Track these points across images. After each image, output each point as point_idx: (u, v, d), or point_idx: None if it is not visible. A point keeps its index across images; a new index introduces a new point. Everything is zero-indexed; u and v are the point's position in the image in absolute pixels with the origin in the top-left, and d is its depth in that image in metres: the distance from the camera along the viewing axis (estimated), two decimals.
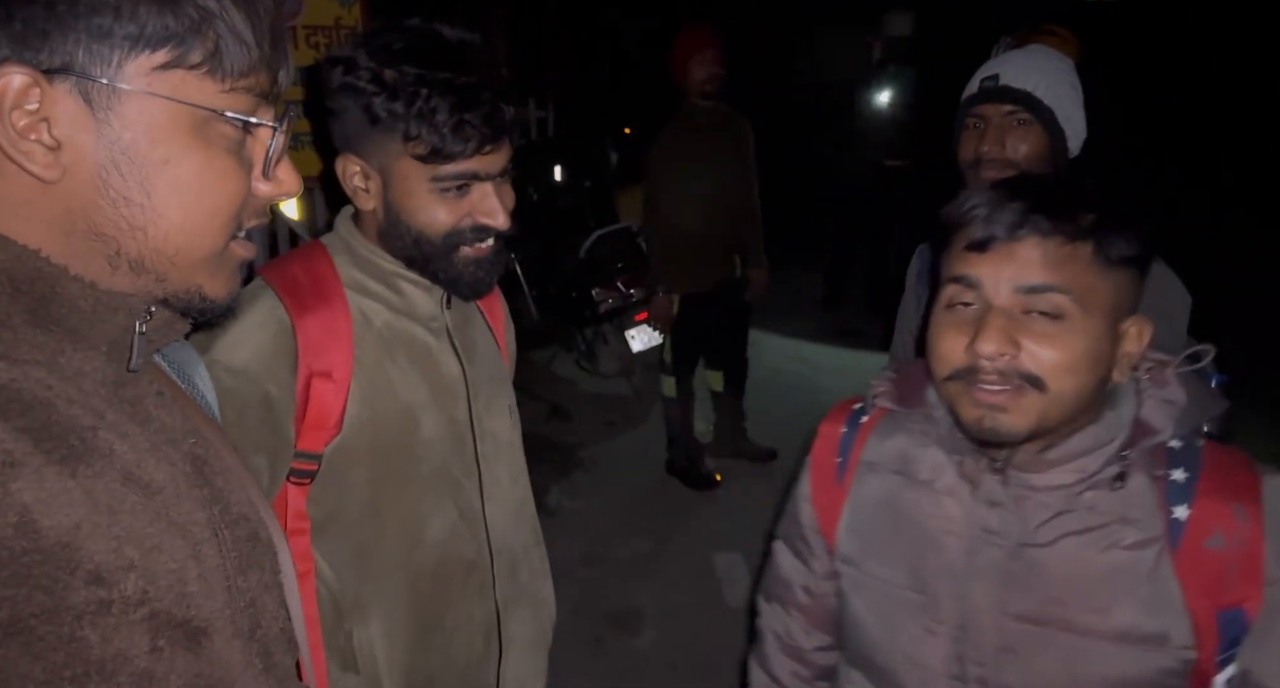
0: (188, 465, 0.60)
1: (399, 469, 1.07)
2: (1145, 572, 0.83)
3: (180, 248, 0.57)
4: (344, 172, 1.03)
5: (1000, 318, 0.82)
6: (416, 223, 1.02)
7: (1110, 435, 0.86)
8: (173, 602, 0.55)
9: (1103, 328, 0.82)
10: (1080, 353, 0.81)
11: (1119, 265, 0.82)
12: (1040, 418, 0.82)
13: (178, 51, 0.53)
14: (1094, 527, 0.85)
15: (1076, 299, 0.80)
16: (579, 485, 3.67)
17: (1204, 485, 0.84)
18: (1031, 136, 1.46)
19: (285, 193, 0.63)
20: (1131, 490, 0.85)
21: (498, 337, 1.26)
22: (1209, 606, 0.81)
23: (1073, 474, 0.86)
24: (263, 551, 0.65)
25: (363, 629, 1.07)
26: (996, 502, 0.89)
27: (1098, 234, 0.81)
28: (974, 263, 0.84)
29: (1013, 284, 0.82)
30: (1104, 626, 0.84)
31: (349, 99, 0.97)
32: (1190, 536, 0.82)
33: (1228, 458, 0.86)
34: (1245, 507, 0.81)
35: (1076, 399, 0.83)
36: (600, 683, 2.55)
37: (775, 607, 1.15)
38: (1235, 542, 0.81)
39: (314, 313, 1.01)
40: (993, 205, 0.84)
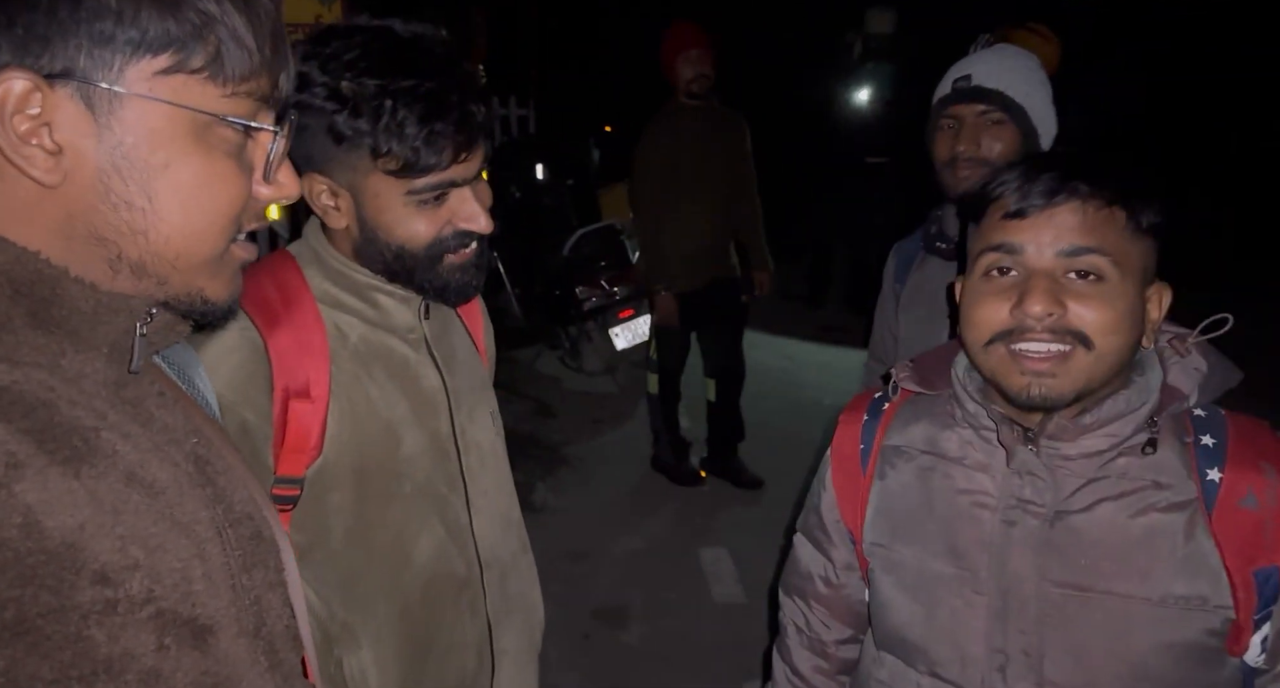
0: (190, 465, 0.61)
1: (382, 489, 1.03)
2: (1181, 535, 0.85)
3: (181, 252, 0.57)
4: (310, 191, 0.98)
5: (1045, 280, 0.84)
6: (396, 238, 0.98)
7: (1141, 401, 0.87)
8: (178, 600, 0.55)
9: (1136, 291, 0.85)
10: (1121, 312, 0.84)
11: (1147, 232, 0.85)
12: (1087, 379, 0.84)
13: (179, 56, 0.53)
14: (1128, 492, 0.87)
15: (1114, 261, 0.83)
16: (565, 483, 3.68)
17: (1233, 449, 0.86)
18: (1005, 135, 1.49)
19: (285, 196, 0.64)
20: (1162, 456, 0.87)
21: (476, 340, 1.23)
22: (1245, 565, 0.83)
23: (1105, 440, 0.87)
24: (266, 549, 0.65)
25: (353, 657, 1.04)
26: (1031, 472, 0.90)
27: (1130, 200, 0.84)
28: (1013, 230, 0.86)
29: (1054, 248, 0.84)
30: (1144, 589, 0.85)
31: (307, 117, 0.91)
32: (1225, 497, 0.84)
33: (1250, 424, 0.90)
34: (1276, 467, 0.84)
35: (1119, 359, 0.85)
36: (589, 679, 2.56)
37: (796, 600, 1.17)
38: (1269, 501, 0.83)
39: (286, 330, 0.97)
40: (1028, 176, 0.86)
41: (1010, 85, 1.49)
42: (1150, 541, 0.86)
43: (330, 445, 0.99)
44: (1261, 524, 0.83)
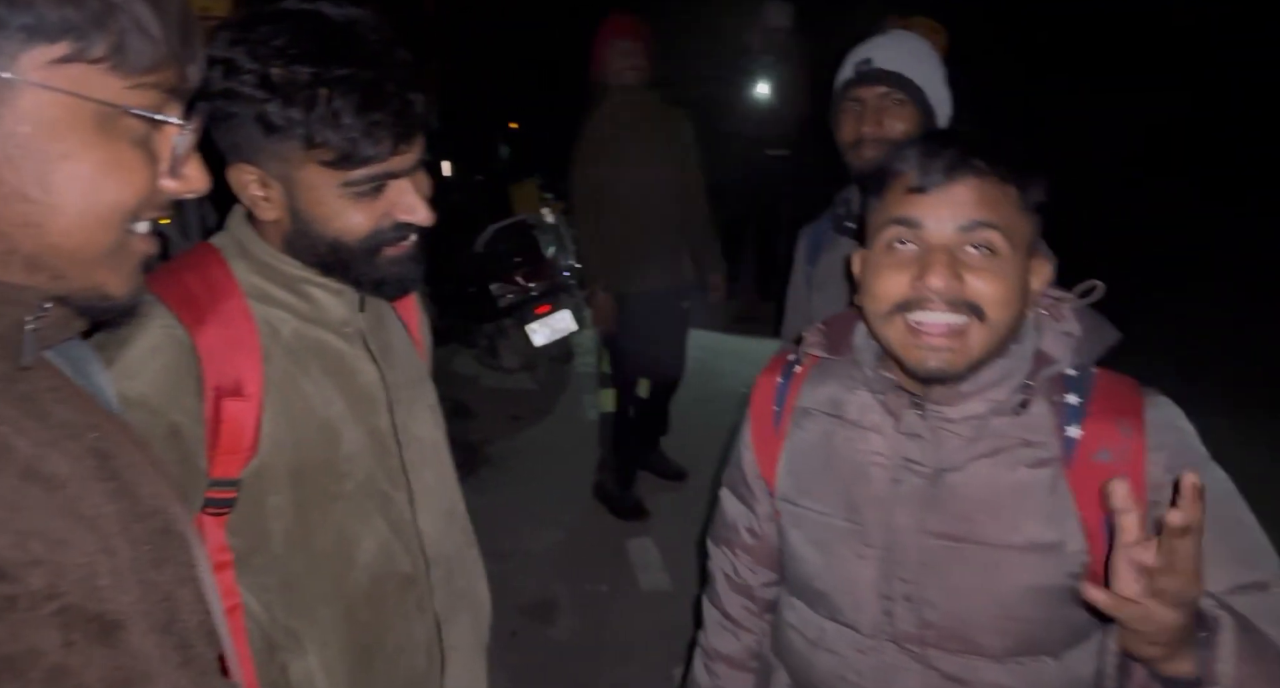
0: (91, 459, 0.59)
1: (322, 489, 1.00)
2: (1046, 487, 0.92)
3: (80, 244, 0.55)
4: (238, 182, 0.95)
5: (944, 253, 0.89)
6: (331, 230, 0.95)
7: (1016, 367, 0.94)
8: (84, 596, 0.54)
9: (1024, 265, 0.91)
10: (1013, 286, 0.89)
11: (1034, 209, 0.91)
12: (981, 351, 0.90)
13: (78, 45, 0.52)
14: (1001, 450, 0.94)
15: (1006, 236, 0.89)
16: (486, 482, 3.64)
17: (1094, 407, 0.92)
18: (906, 115, 1.56)
19: (192, 190, 0.62)
20: (1033, 415, 0.94)
21: (413, 333, 1.20)
22: (1098, 513, 0.89)
23: (984, 405, 0.94)
24: (176, 544, 0.63)
25: (299, 663, 1.01)
26: (916, 434, 0.97)
27: (1021, 178, 0.90)
28: (914, 205, 0.91)
29: (953, 223, 0.89)
30: (1012, 538, 0.92)
31: (235, 106, 0.87)
32: (1082, 452, 0.91)
33: (1117, 382, 0.95)
34: (1130, 424, 0.90)
35: (1008, 331, 0.91)
36: (518, 677, 2.55)
37: (723, 549, 1.24)
38: (1120, 455, 0.90)
39: (214, 326, 0.93)
40: (928, 152, 0.90)
41: (908, 67, 1.56)
42: (1019, 494, 0.93)
43: (266, 445, 0.95)
44: (1113, 476, 0.88)
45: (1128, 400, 0.93)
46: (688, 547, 3.11)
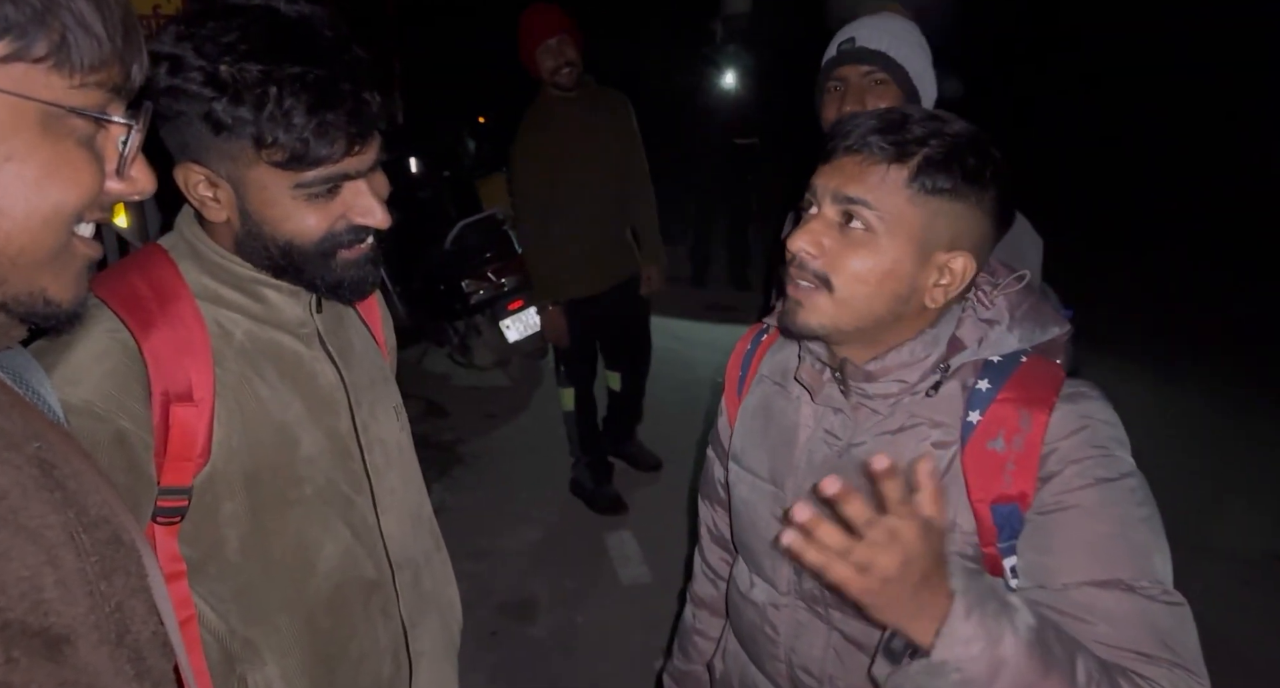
0: (34, 469, 0.57)
1: (279, 495, 0.97)
2: (942, 469, 0.93)
3: (23, 248, 0.54)
4: (185, 181, 0.92)
5: (817, 222, 0.92)
6: (283, 232, 0.92)
7: (926, 352, 0.95)
8: (27, 610, 0.52)
9: (907, 252, 0.90)
10: (874, 267, 0.90)
11: (935, 195, 0.89)
12: (830, 320, 0.92)
13: (18, 43, 0.50)
14: (908, 428, 0.96)
15: (883, 218, 0.89)
16: (462, 481, 3.61)
17: (1003, 395, 0.92)
18: (889, 95, 1.55)
19: (139, 192, 0.60)
20: (943, 397, 0.95)
21: (375, 332, 1.18)
22: (984, 499, 0.90)
23: (895, 385, 0.96)
24: (126, 554, 0.62)
25: (258, 673, 0.99)
26: (838, 408, 1.01)
27: (918, 161, 0.88)
28: (818, 173, 0.94)
29: (833, 193, 0.91)
30: None
31: (181, 104, 0.85)
32: (977, 437, 0.92)
33: (1041, 373, 0.93)
34: (1033, 415, 0.90)
35: (867, 310, 0.91)
36: (498, 676, 2.54)
37: (705, 503, 1.32)
38: (1014, 444, 0.90)
39: (162, 329, 0.90)
40: (844, 125, 0.93)
41: (891, 47, 1.55)
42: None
43: (219, 451, 0.93)
44: (1003, 464, 0.90)
45: (1040, 391, 0.91)
46: (667, 539, 3.11)
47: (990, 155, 0.91)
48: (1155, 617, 0.82)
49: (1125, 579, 0.83)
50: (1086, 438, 0.88)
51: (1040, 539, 0.88)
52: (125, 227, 3.28)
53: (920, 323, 0.95)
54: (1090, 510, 0.86)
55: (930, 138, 0.89)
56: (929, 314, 0.95)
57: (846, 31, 1.59)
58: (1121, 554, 0.84)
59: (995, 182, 0.91)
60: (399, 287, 4.53)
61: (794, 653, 1.06)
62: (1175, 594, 0.84)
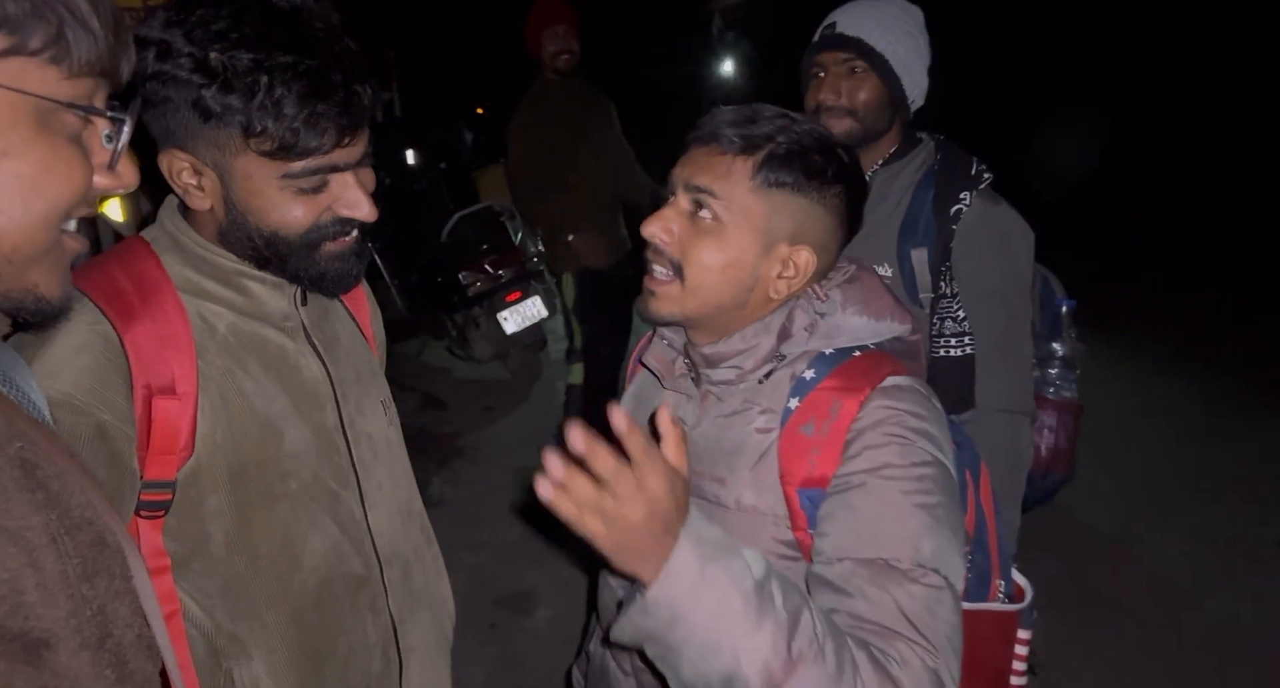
0: (16, 470, 0.56)
1: (265, 490, 0.97)
2: (758, 453, 0.96)
3: (17, 246, 0.54)
4: (169, 168, 0.91)
5: (670, 209, 0.96)
6: (268, 223, 0.91)
7: (757, 339, 0.97)
8: (6, 614, 0.52)
9: (751, 243, 0.94)
10: (719, 255, 0.94)
11: (778, 188, 0.92)
12: (679, 307, 0.96)
13: (15, 37, 0.50)
14: (737, 412, 0.99)
15: (727, 208, 0.93)
16: (461, 474, 3.61)
17: (824, 384, 0.95)
18: (867, 85, 1.50)
19: (123, 186, 0.60)
20: (774, 384, 0.98)
21: (363, 326, 1.17)
22: (792, 482, 0.93)
23: (732, 371, 0.99)
24: (110, 556, 0.61)
25: (244, 669, 0.98)
26: (689, 395, 1.05)
27: (763, 156, 0.92)
28: (677, 163, 0.97)
29: (685, 182, 0.95)
30: (724, 495, 0.97)
31: (169, 90, 0.84)
32: (792, 422, 0.95)
33: (866, 367, 0.96)
34: (844, 405, 0.92)
35: (714, 298, 0.95)
36: (496, 667, 2.54)
37: None
38: (822, 431, 0.92)
39: (144, 322, 0.89)
40: (708, 118, 0.96)
41: (871, 33, 1.48)
42: (735, 453, 0.98)
43: (202, 445, 0.92)
44: (809, 449, 0.92)
45: (859, 381, 0.94)
46: None
47: (834, 156, 0.94)
48: (907, 596, 0.83)
49: (886, 558, 0.85)
50: (887, 427, 0.90)
51: (825, 516, 0.91)
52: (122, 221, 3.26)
53: (761, 313, 0.98)
54: (871, 491, 0.88)
55: (777, 134, 0.92)
56: (771, 305, 0.98)
57: (832, 16, 1.54)
58: (889, 535, 0.86)
59: (839, 180, 0.94)
60: (397, 279, 4.52)
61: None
62: (936, 578, 0.84)
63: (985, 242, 1.49)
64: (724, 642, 0.75)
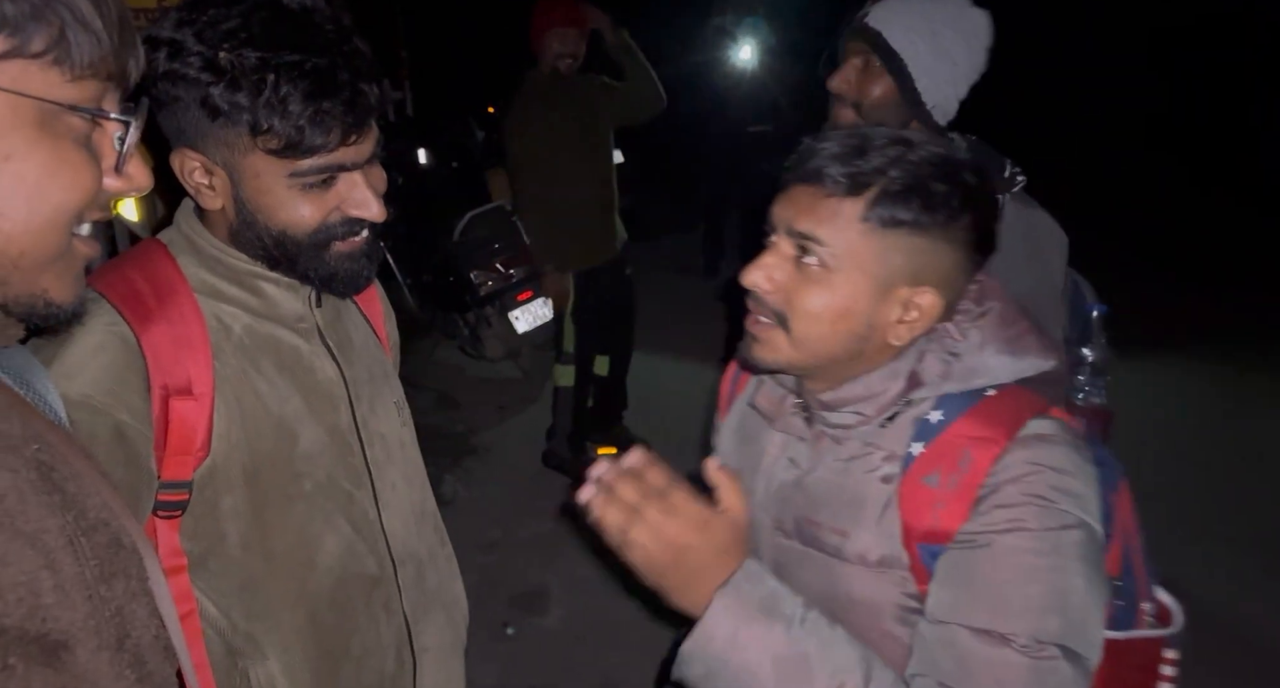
0: (33, 472, 0.56)
1: (280, 490, 0.97)
2: (882, 502, 0.89)
3: (25, 250, 0.54)
4: (181, 168, 0.91)
5: (772, 255, 0.89)
6: (277, 222, 0.92)
7: (884, 386, 0.90)
8: (24, 616, 0.52)
9: (864, 290, 0.85)
10: (827, 305, 0.86)
11: (893, 228, 0.83)
12: (785, 357, 0.90)
13: (16, 39, 0.50)
14: (858, 457, 0.92)
15: (834, 253, 0.84)
16: (473, 473, 3.62)
17: (954, 429, 0.86)
18: (879, 81, 1.41)
19: (136, 189, 0.60)
20: (898, 427, 0.90)
21: (376, 327, 1.17)
22: (914, 538, 0.86)
23: (853, 416, 0.92)
24: (127, 557, 0.61)
25: (259, 668, 0.99)
26: (801, 437, 0.98)
27: (874, 194, 0.83)
28: (777, 200, 0.90)
29: (786, 226, 0.88)
30: (845, 548, 0.90)
31: (179, 89, 0.85)
32: (915, 470, 0.87)
33: (1000, 411, 0.86)
34: (975, 456, 0.84)
35: (823, 348, 0.88)
36: (509, 667, 2.54)
37: None
38: (949, 484, 0.84)
39: (160, 323, 0.90)
40: (812, 148, 0.88)
41: (893, 31, 1.38)
42: (856, 504, 0.91)
43: (219, 446, 0.93)
44: (933, 502, 0.84)
45: (993, 429, 0.85)
46: None
47: (961, 181, 0.84)
48: (1011, 670, 0.77)
49: (1002, 632, 0.78)
50: (1027, 484, 0.82)
51: (944, 571, 0.84)
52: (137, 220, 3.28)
53: (883, 357, 0.90)
54: (998, 555, 0.80)
55: (890, 167, 0.83)
56: (892, 351, 0.90)
57: (871, 4, 1.43)
58: (1010, 606, 0.79)
59: (968, 209, 0.84)
60: (409, 279, 4.54)
61: None
62: (1053, 652, 0.77)
63: (1017, 245, 1.45)
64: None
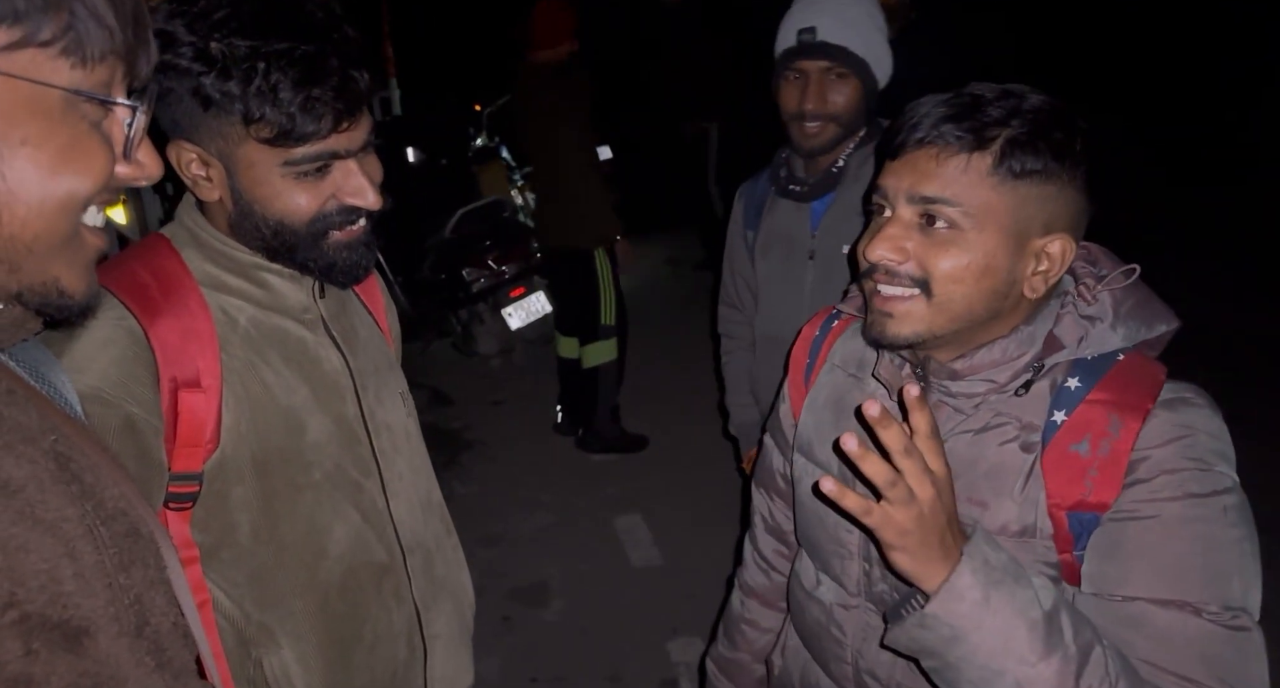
0: (51, 463, 0.57)
1: (289, 480, 0.98)
2: (1022, 472, 0.87)
3: (38, 234, 0.54)
4: (178, 160, 0.91)
5: (894, 226, 0.86)
6: (273, 212, 0.92)
7: (1020, 350, 0.88)
8: (46, 603, 0.53)
9: (999, 242, 0.83)
10: (967, 264, 0.83)
11: (1024, 178, 0.82)
12: (927, 326, 0.86)
13: (27, 28, 0.51)
14: (991, 427, 0.90)
15: (967, 212, 0.83)
16: (470, 468, 3.62)
17: (1094, 395, 0.85)
18: (849, 88, 1.56)
19: (146, 176, 0.61)
20: (1033, 396, 0.88)
21: (378, 319, 1.18)
22: (1061, 505, 0.85)
23: (983, 384, 0.89)
24: (144, 546, 0.62)
25: (273, 657, 0.99)
26: None
27: (1000, 145, 0.82)
28: (886, 171, 0.88)
29: (908, 194, 0.85)
30: (985, 518, 0.89)
31: (172, 80, 0.85)
32: (1060, 438, 0.85)
33: (1138, 375, 0.86)
34: (1124, 421, 0.83)
35: (966, 310, 0.85)
36: (512, 660, 2.55)
37: (761, 492, 1.26)
38: (1100, 450, 0.83)
39: (168, 316, 0.90)
40: (917, 114, 0.86)
41: (853, 40, 1.53)
42: (995, 474, 0.89)
43: (227, 437, 0.93)
44: (1085, 470, 0.83)
45: (1138, 394, 0.84)
46: (677, 522, 3.12)
47: (1076, 126, 0.84)
48: (1213, 643, 0.76)
49: (1191, 602, 0.78)
50: (1183, 448, 0.81)
51: (1108, 545, 0.83)
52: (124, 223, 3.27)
53: (1015, 318, 0.88)
54: (1170, 524, 0.79)
55: (1011, 117, 0.82)
56: (1026, 306, 0.88)
57: (805, 17, 1.56)
58: (1194, 576, 0.78)
59: (1086, 153, 0.84)
60: (400, 276, 4.52)
61: (861, 657, 1.01)
62: (1245, 620, 0.77)
63: None
64: (1007, 669, 0.74)
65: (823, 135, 1.58)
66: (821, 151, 1.60)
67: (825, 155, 1.62)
